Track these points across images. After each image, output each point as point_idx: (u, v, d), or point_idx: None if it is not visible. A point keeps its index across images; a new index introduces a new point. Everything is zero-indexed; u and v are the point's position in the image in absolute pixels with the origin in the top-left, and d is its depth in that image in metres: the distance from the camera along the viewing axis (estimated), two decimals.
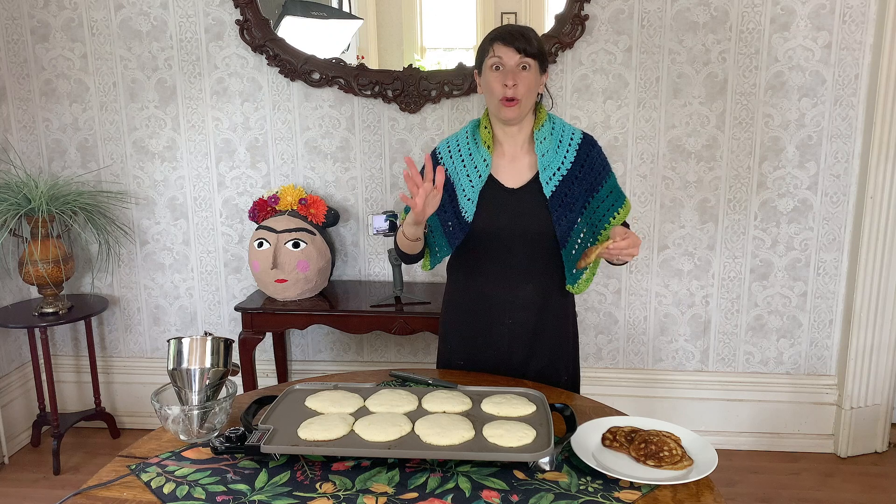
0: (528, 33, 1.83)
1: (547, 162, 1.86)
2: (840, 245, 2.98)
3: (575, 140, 1.90)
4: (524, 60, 1.80)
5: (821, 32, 2.80)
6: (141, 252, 3.24)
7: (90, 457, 3.15)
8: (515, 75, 1.80)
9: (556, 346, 1.98)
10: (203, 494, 1.38)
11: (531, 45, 1.81)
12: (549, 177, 1.85)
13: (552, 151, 1.87)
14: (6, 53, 3.11)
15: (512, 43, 1.80)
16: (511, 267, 1.90)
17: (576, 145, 1.89)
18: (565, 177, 1.86)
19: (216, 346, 1.62)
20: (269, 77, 3.03)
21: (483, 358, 1.97)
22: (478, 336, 1.97)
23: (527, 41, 1.81)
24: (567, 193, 1.85)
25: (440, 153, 1.96)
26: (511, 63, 1.80)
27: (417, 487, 1.40)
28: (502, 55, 1.80)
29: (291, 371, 3.31)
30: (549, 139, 1.88)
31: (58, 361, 3.31)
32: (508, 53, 1.80)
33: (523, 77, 1.80)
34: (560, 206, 1.85)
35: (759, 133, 2.90)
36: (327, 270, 2.94)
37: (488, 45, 1.84)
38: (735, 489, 2.85)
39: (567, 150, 1.88)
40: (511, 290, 1.91)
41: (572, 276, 1.90)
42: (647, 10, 2.84)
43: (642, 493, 1.38)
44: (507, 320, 1.93)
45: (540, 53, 1.83)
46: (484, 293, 1.94)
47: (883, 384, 3.03)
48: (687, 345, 3.11)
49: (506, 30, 1.84)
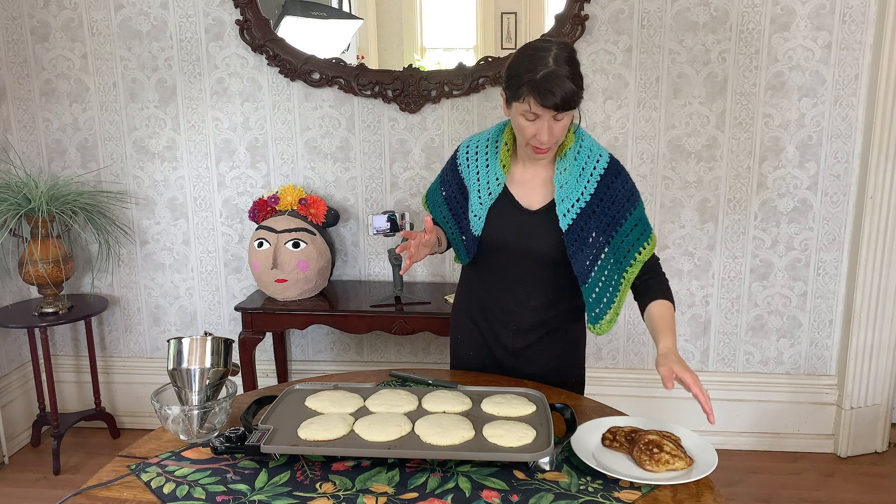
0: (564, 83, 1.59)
1: (565, 193, 1.75)
2: (840, 245, 2.98)
3: (598, 169, 1.77)
4: (561, 114, 1.64)
5: (821, 32, 2.80)
6: (141, 252, 3.24)
7: (90, 457, 3.15)
8: (552, 128, 1.65)
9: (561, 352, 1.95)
10: (203, 494, 1.38)
11: (569, 96, 1.60)
12: (566, 209, 1.75)
13: (573, 181, 1.76)
14: (6, 53, 3.11)
15: (549, 102, 1.60)
16: (515, 282, 1.87)
17: (598, 175, 1.76)
18: (583, 209, 1.75)
19: (216, 346, 1.62)
20: (269, 77, 3.03)
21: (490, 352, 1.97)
22: (485, 334, 1.97)
23: (565, 93, 1.59)
24: (584, 227, 1.76)
25: (459, 157, 1.92)
26: (547, 116, 1.64)
27: (417, 487, 1.40)
28: (537, 111, 1.63)
29: (291, 371, 3.31)
30: (570, 168, 1.76)
31: (58, 361, 3.31)
32: (545, 110, 1.62)
33: (559, 126, 1.66)
34: (576, 241, 1.76)
35: (759, 133, 2.90)
36: (327, 270, 2.94)
37: (523, 92, 1.62)
38: (735, 489, 2.85)
39: (588, 181, 1.76)
40: (515, 302, 1.89)
41: (594, 315, 1.83)
42: (647, 10, 2.84)
43: (642, 493, 1.38)
44: (512, 326, 1.92)
45: (578, 97, 1.64)
46: (488, 304, 1.93)
47: (883, 384, 3.03)
48: (687, 345, 3.11)
49: (542, 80, 1.59)
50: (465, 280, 2.03)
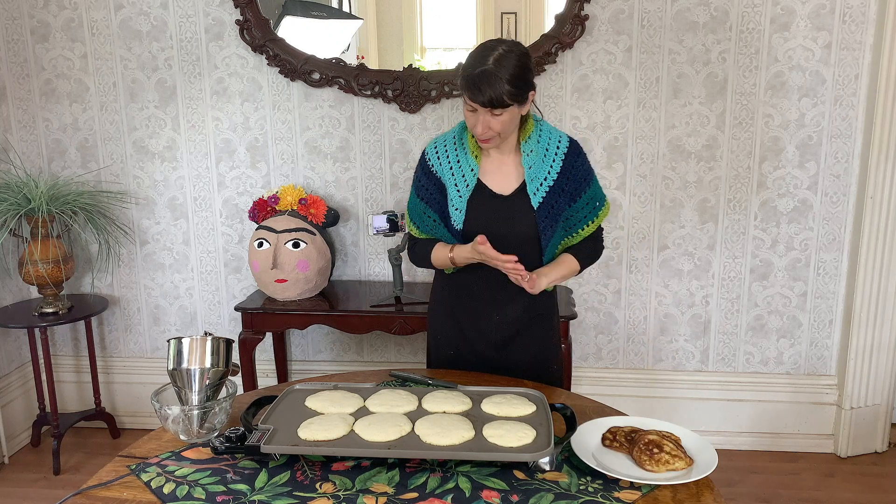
0: (499, 78, 1.68)
1: (534, 174, 1.86)
2: (840, 245, 2.98)
3: (561, 148, 1.88)
4: (495, 111, 1.73)
5: (821, 32, 2.80)
6: (141, 252, 3.24)
7: (90, 457, 3.15)
8: (487, 122, 1.75)
9: (543, 338, 2.01)
10: (203, 494, 1.38)
11: (499, 93, 1.69)
12: (536, 188, 1.86)
13: (539, 162, 1.86)
14: (6, 53, 3.11)
15: (477, 98, 1.71)
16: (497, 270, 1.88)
17: (562, 154, 1.88)
18: (552, 188, 1.86)
19: (216, 346, 1.62)
20: (269, 77, 3.03)
21: (472, 349, 1.99)
22: (466, 329, 1.99)
23: (494, 90, 1.68)
24: (553, 205, 1.87)
25: (429, 156, 1.94)
26: (482, 110, 1.74)
27: (417, 487, 1.40)
28: (472, 105, 1.74)
29: (291, 371, 3.31)
30: (535, 150, 1.86)
31: (58, 361, 3.31)
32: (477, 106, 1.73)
33: (496, 121, 1.75)
34: (546, 217, 1.87)
35: (759, 133, 2.90)
36: (327, 270, 2.94)
37: (461, 87, 1.75)
38: (735, 489, 2.85)
39: (553, 160, 1.87)
40: (499, 289, 1.93)
41: None
42: (647, 10, 2.84)
43: (642, 493, 1.38)
44: (494, 316, 1.96)
45: (514, 97, 1.72)
46: (472, 292, 1.97)
47: (883, 384, 3.03)
48: (687, 345, 3.11)
49: (475, 77, 1.70)
50: (442, 280, 2.04)
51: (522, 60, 1.74)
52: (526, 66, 1.75)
